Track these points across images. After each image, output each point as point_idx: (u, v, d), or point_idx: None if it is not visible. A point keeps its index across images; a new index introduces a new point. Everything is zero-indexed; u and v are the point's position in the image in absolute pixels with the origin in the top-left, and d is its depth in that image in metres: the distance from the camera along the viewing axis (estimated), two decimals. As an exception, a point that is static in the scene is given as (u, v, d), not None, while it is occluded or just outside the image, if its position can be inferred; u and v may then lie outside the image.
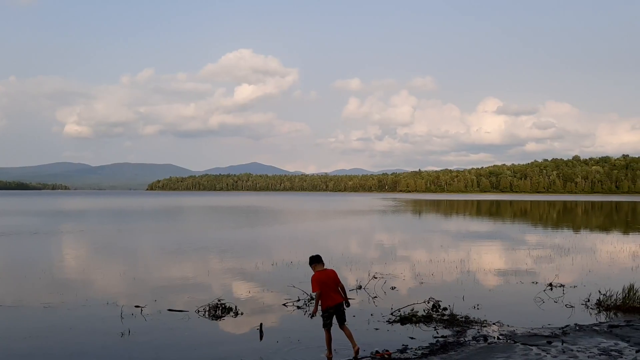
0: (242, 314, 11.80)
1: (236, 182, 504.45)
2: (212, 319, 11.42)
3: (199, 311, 11.94)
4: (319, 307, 8.85)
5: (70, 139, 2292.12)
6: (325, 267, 9.25)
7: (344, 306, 8.92)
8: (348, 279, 16.06)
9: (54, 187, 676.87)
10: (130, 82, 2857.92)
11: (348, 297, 9.28)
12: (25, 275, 16.96)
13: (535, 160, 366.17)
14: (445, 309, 11.89)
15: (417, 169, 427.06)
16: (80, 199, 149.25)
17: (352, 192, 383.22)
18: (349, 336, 8.83)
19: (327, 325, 8.82)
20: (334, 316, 8.83)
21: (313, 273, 9.11)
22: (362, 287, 14.81)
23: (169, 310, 12.10)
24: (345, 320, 8.92)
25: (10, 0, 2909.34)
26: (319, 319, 9.04)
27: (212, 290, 14.72)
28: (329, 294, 8.80)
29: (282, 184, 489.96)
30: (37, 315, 11.69)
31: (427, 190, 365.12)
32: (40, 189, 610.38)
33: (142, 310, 12.04)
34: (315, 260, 9.23)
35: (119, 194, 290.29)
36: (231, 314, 11.78)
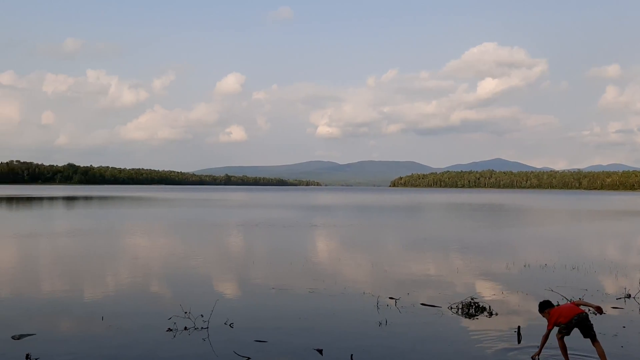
0: (496, 314, 11.49)
1: (478, 179, 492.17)
2: (466, 317, 11.34)
3: (452, 308, 11.96)
4: (559, 321, 8.31)
5: (322, 139, 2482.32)
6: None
7: (590, 319, 8.32)
8: (611, 287, 14.60)
9: (307, 183, 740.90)
10: (375, 84, 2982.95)
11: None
12: (291, 262, 18.89)
13: None
14: None
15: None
16: (331, 194, 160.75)
17: (611, 191, 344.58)
18: (602, 355, 8.12)
19: (562, 334, 8.38)
20: (578, 330, 8.28)
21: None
22: (631, 296, 13.25)
23: (422, 304, 12.35)
24: (595, 336, 8.20)
25: (271, 16, 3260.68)
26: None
27: (462, 288, 14.60)
28: (568, 311, 8.35)
29: (528, 181, 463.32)
30: (304, 299, 12.95)
31: None
32: (296, 185, 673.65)
33: (396, 302, 12.51)
34: (549, 305, 8.74)
35: (364, 190, 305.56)
36: (485, 313, 11.55)
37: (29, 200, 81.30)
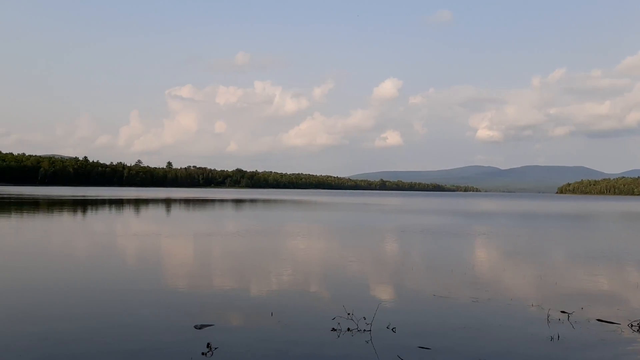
0: (688, 337, 10.26)
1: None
2: (650, 337, 10.27)
3: (632, 325, 10.93)
4: None
5: (482, 143, 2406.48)
6: None
7: None
8: None
9: (465, 189, 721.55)
10: (540, 84, 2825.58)
11: None
12: (452, 269, 18.49)
13: None
14: None
15: None
16: (492, 201, 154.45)
17: None
18: None
19: None
20: None
21: None
22: None
23: (598, 320, 11.42)
24: None
25: (429, 20, 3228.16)
26: None
27: (645, 305, 13.24)
28: None
29: None
30: (467, 308, 12.61)
31: None
32: (453, 190, 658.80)
33: (569, 316, 11.71)
34: None
35: (529, 196, 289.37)
36: (674, 334, 10.37)
37: (204, 202, 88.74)
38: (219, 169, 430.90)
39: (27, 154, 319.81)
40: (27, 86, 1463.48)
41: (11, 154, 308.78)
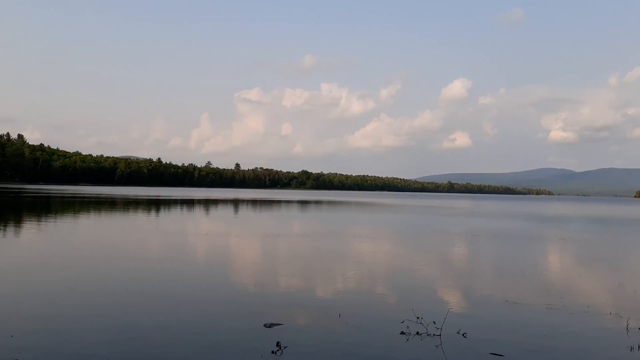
0: None
1: None
2: None
3: None
4: None
5: (555, 144, 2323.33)
6: None
7: None
8: None
9: (537, 192, 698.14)
10: (618, 83, 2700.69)
11: None
12: (525, 274, 17.96)
13: None
14: None
15: None
16: (566, 204, 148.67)
17: None
18: None
19: None
20: None
21: None
22: None
23: (684, 332, 10.80)
24: None
25: (500, 19, 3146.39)
26: None
27: None
28: None
29: None
30: (541, 315, 12.21)
31: None
32: (525, 193, 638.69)
33: (649, 326, 11.15)
34: None
35: (605, 200, 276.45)
36: None
37: (271, 203, 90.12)
38: (285, 171, 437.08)
39: (105, 156, 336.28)
40: (107, 91, 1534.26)
41: (91, 155, 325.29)
